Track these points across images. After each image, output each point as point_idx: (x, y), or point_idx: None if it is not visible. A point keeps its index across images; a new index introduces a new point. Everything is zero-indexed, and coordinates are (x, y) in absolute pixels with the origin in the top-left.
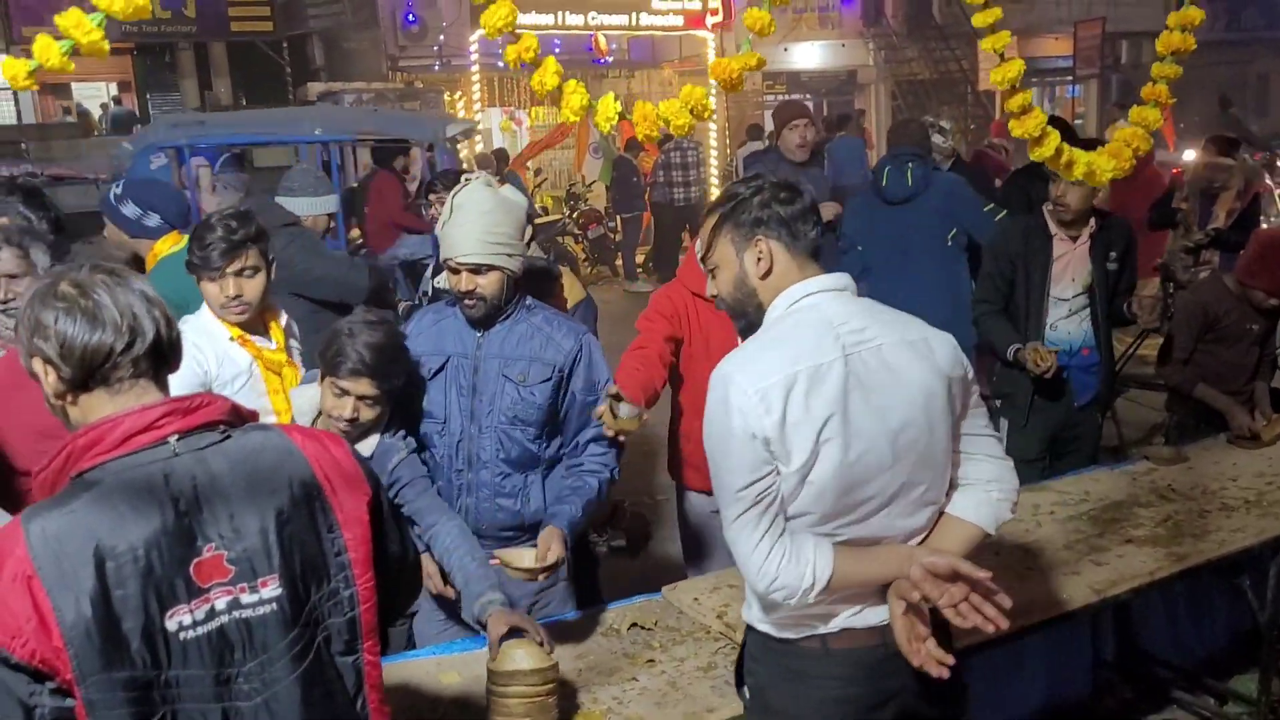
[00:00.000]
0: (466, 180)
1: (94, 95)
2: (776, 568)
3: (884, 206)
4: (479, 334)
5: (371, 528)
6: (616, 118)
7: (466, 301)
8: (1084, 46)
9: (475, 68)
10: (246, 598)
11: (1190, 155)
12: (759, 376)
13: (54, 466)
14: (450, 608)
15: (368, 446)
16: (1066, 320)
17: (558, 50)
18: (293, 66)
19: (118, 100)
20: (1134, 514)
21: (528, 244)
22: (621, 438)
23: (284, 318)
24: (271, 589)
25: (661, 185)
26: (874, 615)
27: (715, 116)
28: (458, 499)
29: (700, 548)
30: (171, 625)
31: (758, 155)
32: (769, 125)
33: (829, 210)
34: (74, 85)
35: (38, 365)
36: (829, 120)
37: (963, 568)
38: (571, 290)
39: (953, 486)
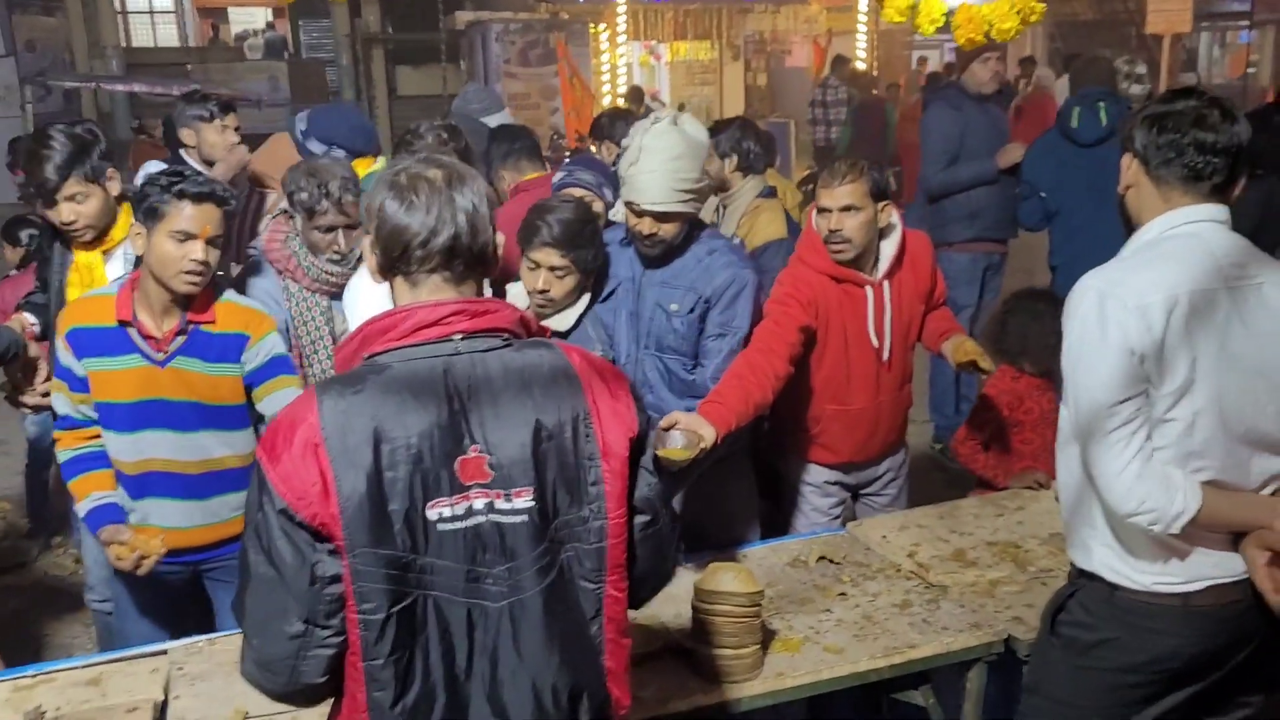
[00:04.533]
0: (655, 120)
1: (248, 21)
2: (1147, 489)
3: (1074, 148)
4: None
5: (630, 464)
6: (943, 20)
7: (646, 243)
8: None
9: None
10: (501, 504)
11: None
12: (1139, 292)
13: (351, 346)
14: None
15: (563, 321)
16: None
17: None
18: None
19: (271, 26)
20: None
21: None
22: (667, 466)
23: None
24: (524, 500)
25: (812, 124)
26: (1235, 566)
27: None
28: None
29: (805, 521)
30: (432, 515)
31: (938, 92)
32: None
33: (1015, 153)
34: (230, 10)
35: (366, 243)
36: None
37: None
38: (771, 225)
39: None
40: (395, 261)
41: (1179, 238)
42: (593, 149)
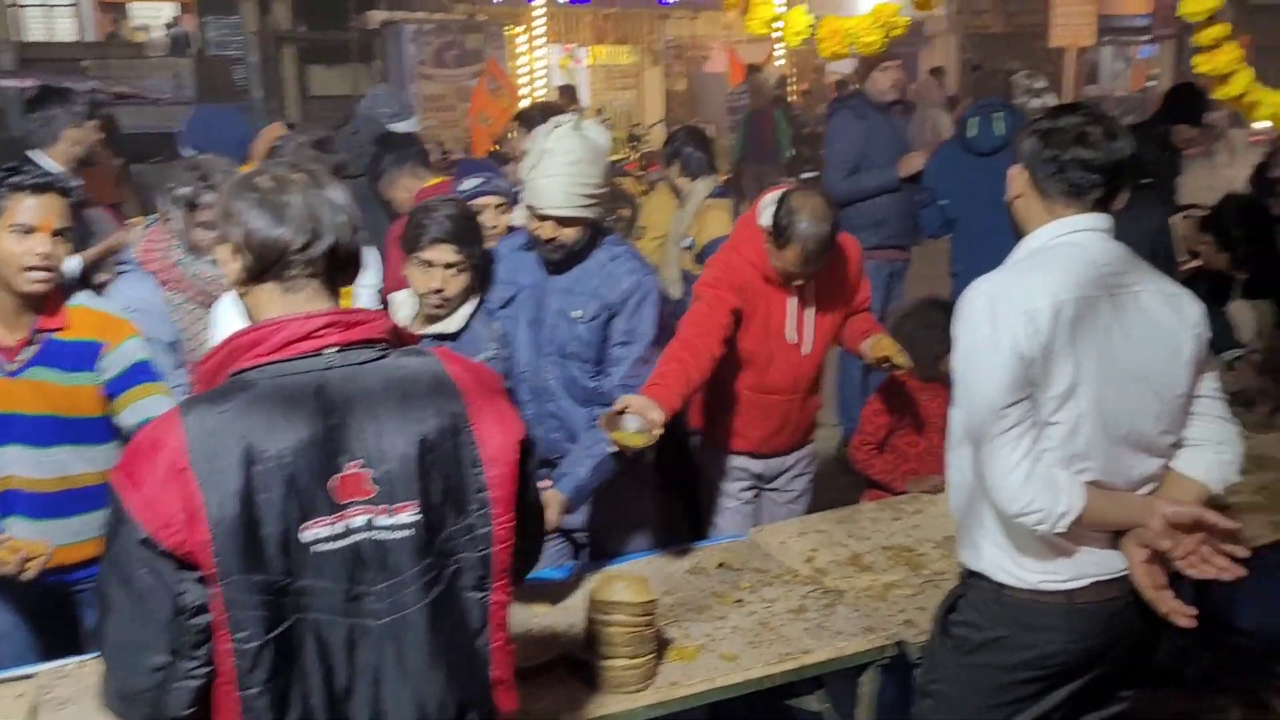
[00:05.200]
0: (557, 124)
1: (152, 16)
2: (1034, 490)
3: (972, 158)
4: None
5: (518, 469)
6: (809, 32)
7: (547, 248)
8: (1164, 4)
9: (539, 1)
10: (383, 520)
11: None
12: (1026, 297)
13: (216, 359)
14: None
15: (457, 321)
16: None
17: None
18: None
19: (176, 21)
20: None
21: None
22: (624, 451)
23: None
24: (408, 515)
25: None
26: (1115, 563)
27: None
28: None
29: (718, 508)
30: (306, 536)
31: (843, 100)
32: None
33: (917, 161)
34: (131, 5)
35: (224, 252)
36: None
37: (1208, 517)
38: (716, 223)
39: (1180, 445)
40: (269, 267)
41: (1063, 246)
42: (511, 136)
